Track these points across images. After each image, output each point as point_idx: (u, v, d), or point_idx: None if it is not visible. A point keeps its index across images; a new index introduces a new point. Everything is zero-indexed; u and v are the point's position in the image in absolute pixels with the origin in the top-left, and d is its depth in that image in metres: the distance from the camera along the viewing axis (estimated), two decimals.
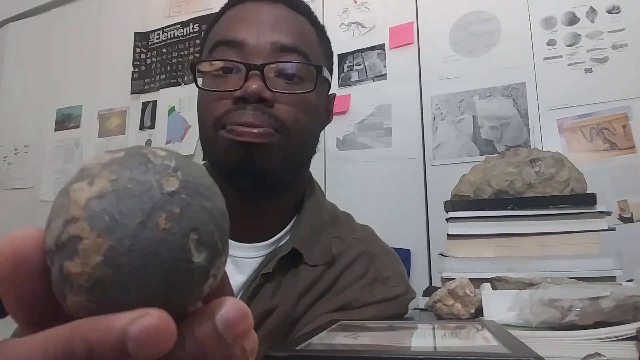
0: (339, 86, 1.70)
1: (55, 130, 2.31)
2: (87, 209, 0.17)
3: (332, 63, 0.66)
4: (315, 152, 0.64)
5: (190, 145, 1.91)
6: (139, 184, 0.18)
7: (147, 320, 0.16)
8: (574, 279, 0.55)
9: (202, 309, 0.19)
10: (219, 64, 0.55)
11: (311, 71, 0.56)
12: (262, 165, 0.53)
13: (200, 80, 0.57)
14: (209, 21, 0.62)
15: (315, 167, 0.67)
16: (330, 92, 0.65)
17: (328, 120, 0.67)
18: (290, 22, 0.57)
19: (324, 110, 0.63)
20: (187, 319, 0.18)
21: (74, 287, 0.17)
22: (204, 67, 0.56)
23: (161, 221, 0.17)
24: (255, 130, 0.52)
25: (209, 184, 0.20)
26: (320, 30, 0.62)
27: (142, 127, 2.11)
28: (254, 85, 0.51)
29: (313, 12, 0.61)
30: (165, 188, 0.18)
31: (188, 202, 0.18)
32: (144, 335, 0.16)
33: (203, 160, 0.60)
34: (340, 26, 1.74)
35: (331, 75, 0.64)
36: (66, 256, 0.17)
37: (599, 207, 0.64)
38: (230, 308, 0.18)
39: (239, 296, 0.56)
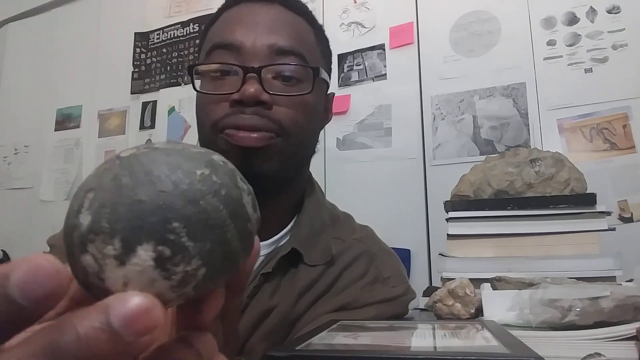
0: (339, 86, 1.70)
1: (55, 130, 2.32)
2: None
3: (331, 62, 0.66)
4: (314, 152, 0.64)
5: None
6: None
7: (28, 262, 0.16)
8: (574, 279, 0.55)
9: (94, 303, 0.16)
10: (216, 66, 0.55)
11: (309, 73, 0.55)
12: (262, 169, 0.53)
13: (197, 83, 0.57)
14: (206, 22, 0.62)
15: (315, 167, 0.67)
16: (329, 91, 0.65)
17: (327, 119, 0.66)
18: (287, 23, 0.56)
19: (322, 110, 0.63)
20: (73, 312, 0.16)
21: None
22: (201, 69, 0.56)
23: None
24: (255, 135, 0.52)
25: (156, 174, 0.18)
26: (318, 29, 0.62)
27: (142, 127, 2.11)
28: (252, 88, 0.51)
29: (310, 12, 0.61)
30: (120, 154, 0.19)
31: (108, 169, 0.18)
32: (23, 276, 0.15)
33: None
34: (340, 26, 1.74)
35: (330, 74, 0.64)
36: None
37: (599, 207, 0.64)
38: (129, 301, 0.16)
39: None
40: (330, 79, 0.64)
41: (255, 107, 0.52)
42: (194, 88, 0.56)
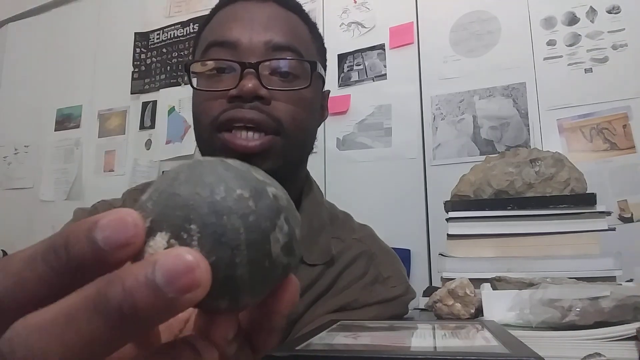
0: (339, 86, 1.70)
1: (55, 130, 2.32)
2: None
3: (326, 60, 0.66)
4: (312, 149, 0.64)
5: (191, 145, 1.91)
6: None
7: (115, 213, 0.17)
8: (574, 279, 0.55)
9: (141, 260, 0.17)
10: (213, 64, 0.55)
11: (305, 68, 0.56)
12: (261, 166, 0.53)
13: (194, 81, 0.57)
14: (201, 22, 0.62)
15: (315, 167, 0.67)
16: (324, 89, 0.65)
17: (323, 117, 0.66)
18: (283, 20, 0.57)
19: (319, 106, 0.63)
20: (124, 267, 0.17)
21: None
22: (198, 67, 0.56)
23: None
24: (252, 144, 0.52)
25: (203, 180, 0.19)
26: (312, 27, 0.62)
27: (142, 127, 2.11)
28: (250, 83, 0.51)
29: (304, 10, 0.61)
30: (202, 158, 0.22)
31: (183, 165, 0.21)
32: (107, 223, 0.17)
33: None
34: (340, 26, 1.74)
35: (325, 72, 0.64)
36: None
37: (599, 207, 0.64)
38: (172, 257, 0.16)
39: None
40: (325, 76, 0.64)
41: (253, 103, 0.52)
42: (191, 85, 0.56)
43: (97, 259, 0.17)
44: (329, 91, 0.66)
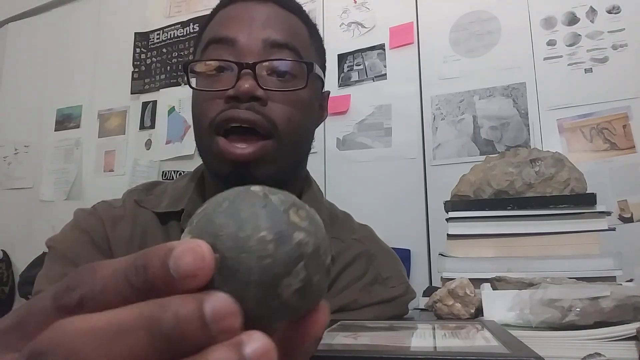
0: (339, 86, 1.70)
1: (55, 130, 2.32)
2: None
3: (325, 60, 0.66)
4: (310, 149, 0.64)
5: (191, 145, 1.91)
6: None
7: (188, 243, 0.18)
8: (574, 279, 0.55)
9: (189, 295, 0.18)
10: (211, 63, 0.55)
11: (303, 68, 0.56)
12: (256, 176, 0.53)
13: (193, 81, 0.57)
14: (201, 23, 0.62)
15: (315, 167, 0.67)
16: (324, 90, 0.65)
17: (322, 117, 0.66)
18: (281, 19, 0.57)
19: (317, 107, 0.63)
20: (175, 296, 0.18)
21: None
22: (197, 67, 0.57)
23: None
24: (247, 152, 0.52)
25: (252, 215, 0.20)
26: (311, 28, 0.62)
27: (142, 127, 2.11)
28: (246, 84, 0.51)
29: (304, 11, 0.62)
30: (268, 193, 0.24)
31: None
32: (181, 252, 0.17)
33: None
34: (340, 26, 1.74)
35: (324, 73, 0.64)
36: None
37: (599, 207, 0.64)
38: (219, 298, 0.17)
39: None
40: (324, 77, 0.64)
41: (249, 103, 0.52)
42: (190, 85, 0.57)
43: (166, 283, 0.17)
44: (328, 92, 0.66)
